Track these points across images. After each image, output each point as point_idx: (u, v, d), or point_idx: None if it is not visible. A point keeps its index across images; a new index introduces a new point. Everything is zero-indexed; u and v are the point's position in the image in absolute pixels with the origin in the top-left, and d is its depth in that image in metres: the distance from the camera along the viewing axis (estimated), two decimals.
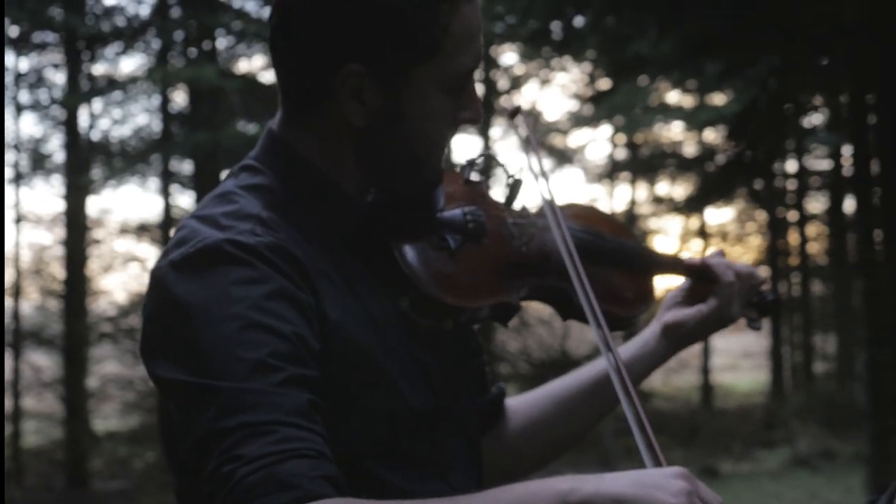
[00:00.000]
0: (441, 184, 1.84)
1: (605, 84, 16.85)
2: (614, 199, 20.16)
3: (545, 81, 18.70)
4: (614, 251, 2.09)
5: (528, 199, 1.97)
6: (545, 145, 18.96)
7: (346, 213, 1.75)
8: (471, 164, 1.96)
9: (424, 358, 1.77)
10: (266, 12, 17.88)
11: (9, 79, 16.22)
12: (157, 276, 1.62)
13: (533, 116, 18.78)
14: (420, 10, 1.65)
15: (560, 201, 1.99)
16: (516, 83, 18.71)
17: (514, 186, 1.93)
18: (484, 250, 1.85)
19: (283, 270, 1.59)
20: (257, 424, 1.45)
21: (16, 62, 16.61)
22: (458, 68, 1.71)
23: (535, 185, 1.94)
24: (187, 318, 1.54)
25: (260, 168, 1.75)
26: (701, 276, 2.15)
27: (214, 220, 1.64)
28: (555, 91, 18.85)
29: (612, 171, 20.22)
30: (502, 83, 18.84)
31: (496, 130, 18.97)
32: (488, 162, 2.22)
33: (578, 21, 11.19)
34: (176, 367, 1.54)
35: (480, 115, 1.80)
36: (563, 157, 19.25)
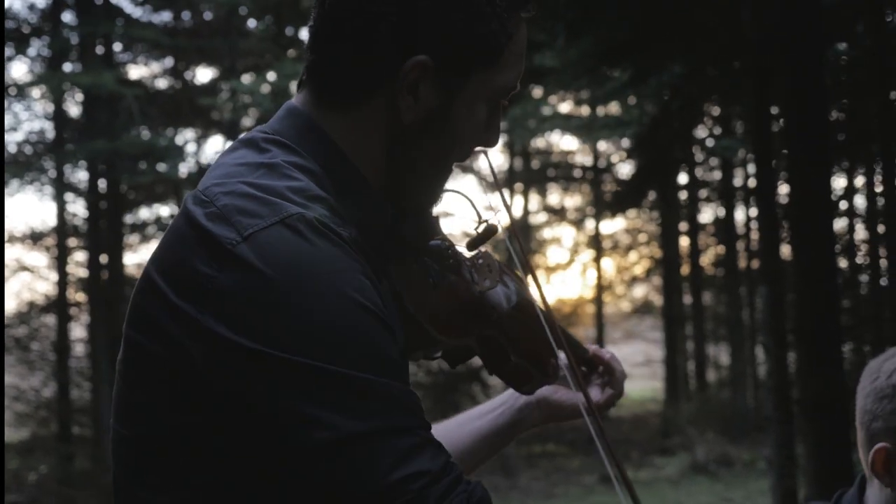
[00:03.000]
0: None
1: None
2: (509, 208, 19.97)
3: None
4: (547, 321, 1.99)
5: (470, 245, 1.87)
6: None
7: (381, 219, 1.65)
8: None
9: None
10: (158, 18, 17.94)
11: None
12: (232, 249, 1.41)
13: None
14: (498, 13, 1.59)
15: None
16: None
17: (487, 233, 1.83)
18: (453, 288, 1.77)
19: (365, 267, 1.48)
20: (413, 429, 1.40)
21: None
22: (506, 82, 1.65)
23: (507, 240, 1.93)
24: (296, 305, 1.39)
25: (294, 148, 1.60)
26: (593, 367, 2.18)
27: (282, 194, 1.49)
28: None
29: (507, 181, 20.08)
30: None
31: None
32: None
33: None
34: (283, 346, 1.37)
35: (497, 140, 1.73)
36: (462, 166, 19.01)
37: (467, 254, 1.86)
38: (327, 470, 1.37)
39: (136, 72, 17.80)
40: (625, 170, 21.46)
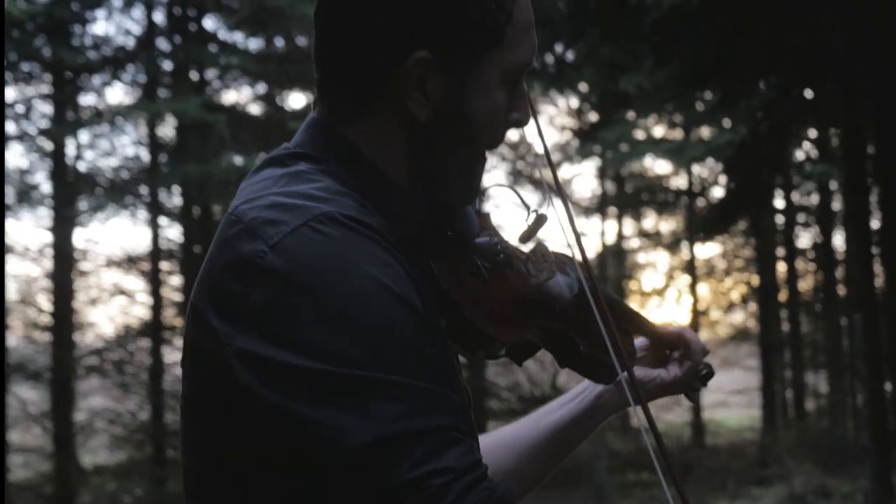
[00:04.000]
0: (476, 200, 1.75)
1: (593, 117, 16.60)
2: (603, 233, 19.81)
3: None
4: (612, 306, 1.95)
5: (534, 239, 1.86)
6: (532, 178, 18.67)
7: (409, 217, 1.63)
8: (482, 192, 1.87)
9: (464, 383, 1.66)
10: (253, 44, 18.16)
11: None
12: (261, 263, 1.42)
13: (525, 149, 18.47)
14: None
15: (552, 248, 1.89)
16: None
17: (537, 222, 1.83)
18: (508, 284, 1.74)
19: (398, 258, 1.47)
20: (447, 429, 1.37)
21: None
22: (518, 60, 1.62)
23: (559, 227, 1.84)
24: (325, 302, 1.38)
25: (318, 157, 1.61)
26: (669, 345, 2.14)
27: (308, 195, 1.49)
28: (542, 124, 18.32)
29: (600, 206, 19.88)
30: None
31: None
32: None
33: (571, 54, 10.99)
34: (314, 354, 1.37)
35: (529, 118, 1.70)
36: (552, 190, 18.81)
37: (521, 247, 1.85)
38: (355, 473, 1.35)
39: (228, 97, 17.93)
40: (719, 194, 21.14)
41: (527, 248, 1.85)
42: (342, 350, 1.37)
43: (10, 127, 16.59)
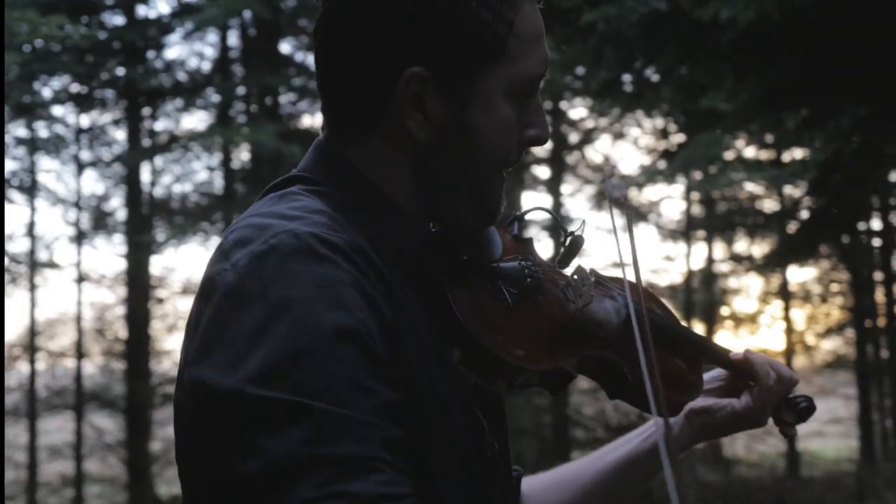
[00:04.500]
0: (496, 222, 1.72)
1: (678, 138, 16.31)
2: (691, 256, 19.46)
3: (618, 136, 18.18)
4: (671, 333, 1.97)
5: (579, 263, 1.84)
6: (616, 201, 18.30)
7: (403, 234, 1.61)
8: (519, 218, 1.88)
9: (476, 414, 1.65)
10: None
11: (70, 135, 16.14)
12: (219, 280, 1.44)
13: (609, 170, 18.22)
14: (486, 3, 1.55)
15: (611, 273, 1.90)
16: (587, 137, 18.24)
17: (574, 245, 1.85)
18: (539, 309, 1.73)
19: (367, 275, 1.45)
20: (361, 459, 1.32)
21: (77, 119, 16.52)
22: (526, 72, 1.60)
23: (620, 248, 1.77)
24: (267, 322, 1.37)
25: (316, 180, 1.63)
26: (742, 373, 2.07)
27: (280, 214, 1.50)
28: (627, 146, 18.18)
29: (687, 228, 19.53)
30: (572, 137, 18.35)
31: (567, 187, 18.48)
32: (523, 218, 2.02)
33: (651, 72, 10.84)
34: (246, 376, 1.35)
35: (548, 134, 1.67)
36: (638, 213, 18.64)
37: (560, 271, 1.84)
38: (259, 493, 1.33)
39: (304, 121, 17.92)
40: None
41: (564, 271, 1.83)
42: (263, 369, 1.35)
43: (85, 153, 16.83)
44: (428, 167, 1.61)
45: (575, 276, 1.78)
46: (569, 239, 1.85)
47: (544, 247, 16.68)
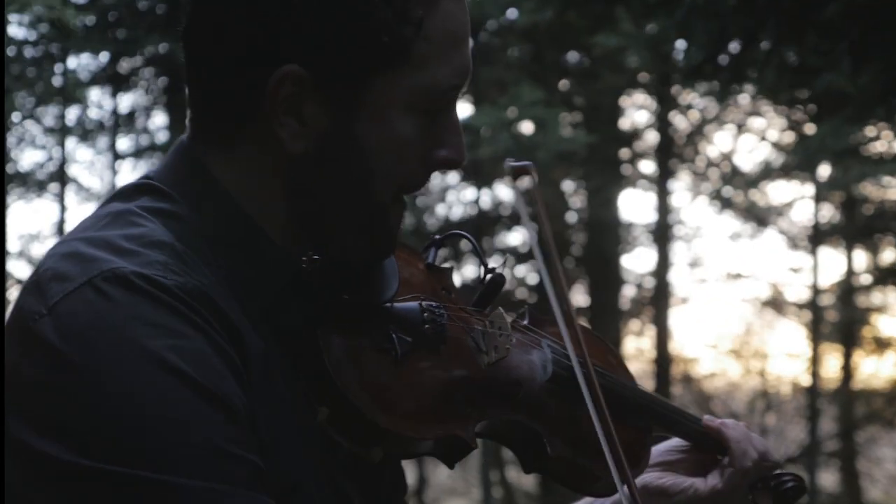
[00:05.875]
0: (393, 253, 1.64)
1: (810, 129, 14.83)
2: (816, 268, 17.79)
3: (740, 127, 16.64)
4: (614, 395, 1.81)
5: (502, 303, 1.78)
6: (738, 206, 16.93)
7: (266, 270, 1.53)
8: (438, 242, 1.85)
9: (346, 489, 1.56)
10: None
11: (106, 120, 15.25)
12: (29, 325, 1.35)
13: (731, 170, 16.72)
14: None
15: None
16: (700, 129, 16.75)
17: (493, 285, 1.78)
18: (438, 362, 1.62)
19: (210, 325, 1.37)
20: None
21: (114, 102, 15.67)
22: (435, 84, 1.50)
23: (541, 267, 1.70)
24: (95, 388, 1.30)
25: (167, 192, 1.54)
26: (710, 446, 1.97)
27: (111, 244, 1.41)
28: (750, 139, 16.63)
29: (815, 236, 17.84)
30: (682, 126, 16.88)
31: (677, 184, 16.99)
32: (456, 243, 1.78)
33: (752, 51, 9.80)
34: (79, 448, 1.28)
35: (463, 157, 1.58)
36: (758, 217, 17.09)
37: (481, 315, 1.74)
38: None
39: None
40: None
41: (479, 315, 1.74)
42: (105, 443, 1.28)
43: (123, 143, 16.06)
44: (303, 186, 1.52)
45: (490, 322, 1.70)
46: (487, 277, 1.78)
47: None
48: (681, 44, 11.64)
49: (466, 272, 13.41)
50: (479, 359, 1.66)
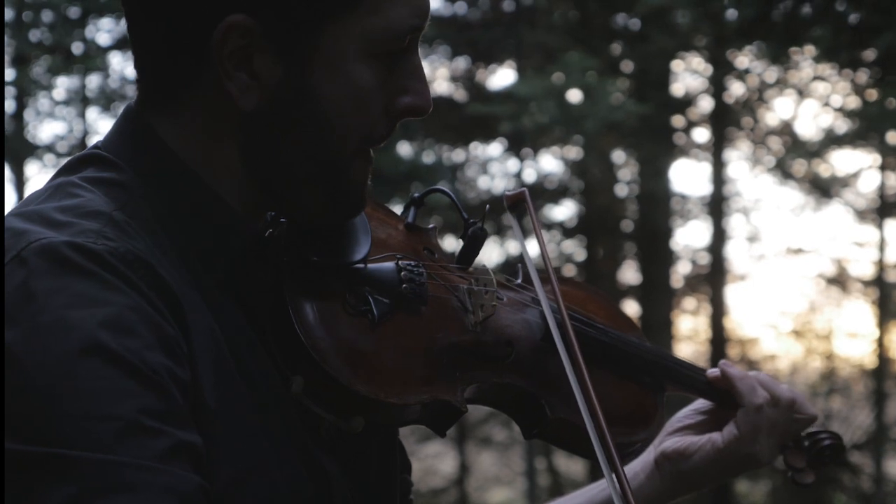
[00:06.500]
0: (363, 209, 1.62)
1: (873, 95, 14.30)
2: (889, 243, 17.20)
3: (801, 92, 16.08)
4: (616, 350, 1.85)
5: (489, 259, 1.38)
6: (799, 176, 16.41)
7: (224, 237, 1.53)
8: (416, 201, 1.81)
9: (323, 463, 1.53)
10: (445, 9, 16.74)
11: (128, 89, 15.07)
12: None
13: (790, 138, 16.20)
14: None
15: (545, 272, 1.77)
16: (759, 94, 16.20)
17: (475, 238, 1.77)
18: (419, 324, 1.61)
19: (141, 290, 1.37)
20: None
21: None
22: (391, 26, 1.49)
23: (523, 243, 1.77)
24: (14, 363, 1.30)
25: (113, 161, 1.54)
26: (722, 396, 1.94)
27: (44, 216, 1.43)
28: (813, 105, 16.09)
29: (884, 207, 17.23)
30: (738, 90, 16.34)
31: (733, 153, 16.44)
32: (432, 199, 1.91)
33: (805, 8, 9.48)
34: (8, 430, 1.29)
35: (428, 103, 1.57)
36: (822, 189, 16.55)
37: (466, 273, 1.73)
38: None
39: None
40: None
41: (463, 273, 1.73)
42: (16, 418, 1.28)
43: None
44: (258, 143, 1.51)
45: (475, 280, 1.69)
46: (469, 231, 1.75)
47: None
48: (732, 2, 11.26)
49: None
50: (465, 319, 1.66)
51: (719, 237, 16.17)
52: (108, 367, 1.30)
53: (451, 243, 12.24)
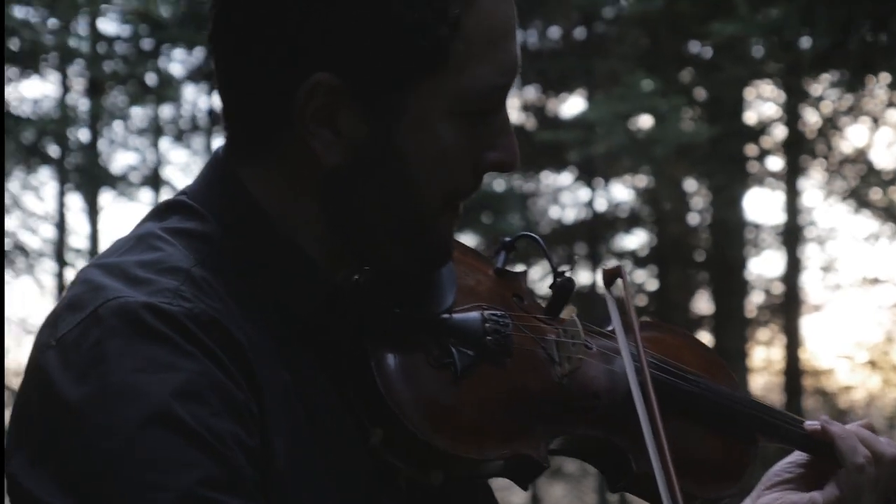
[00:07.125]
0: (448, 262, 1.61)
1: None
2: None
3: (876, 120, 16.08)
4: (705, 401, 1.81)
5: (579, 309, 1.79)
6: (875, 205, 16.36)
7: (305, 288, 1.52)
8: (507, 245, 1.78)
9: None
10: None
11: (201, 120, 15.28)
12: (38, 357, 1.39)
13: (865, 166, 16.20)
14: None
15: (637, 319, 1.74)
16: (833, 122, 16.21)
17: (563, 289, 1.73)
18: (504, 376, 1.58)
19: (213, 354, 1.37)
20: None
21: (209, 100, 15.65)
22: (478, 86, 1.46)
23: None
24: (79, 423, 1.32)
25: (198, 210, 1.54)
26: (821, 452, 1.86)
27: (124, 271, 1.43)
28: (888, 133, 16.05)
29: None
30: (812, 117, 16.34)
31: (808, 182, 16.45)
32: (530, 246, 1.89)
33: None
34: (62, 489, 1.31)
35: (516, 158, 1.54)
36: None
37: (555, 323, 1.71)
38: None
39: None
40: None
41: (550, 324, 1.70)
42: (73, 476, 1.30)
43: (219, 141, 15.99)
44: (341, 199, 1.50)
45: (563, 331, 1.68)
46: (557, 282, 1.73)
47: None
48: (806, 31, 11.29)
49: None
50: (551, 371, 1.64)
51: (794, 267, 16.17)
52: (171, 436, 1.31)
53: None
